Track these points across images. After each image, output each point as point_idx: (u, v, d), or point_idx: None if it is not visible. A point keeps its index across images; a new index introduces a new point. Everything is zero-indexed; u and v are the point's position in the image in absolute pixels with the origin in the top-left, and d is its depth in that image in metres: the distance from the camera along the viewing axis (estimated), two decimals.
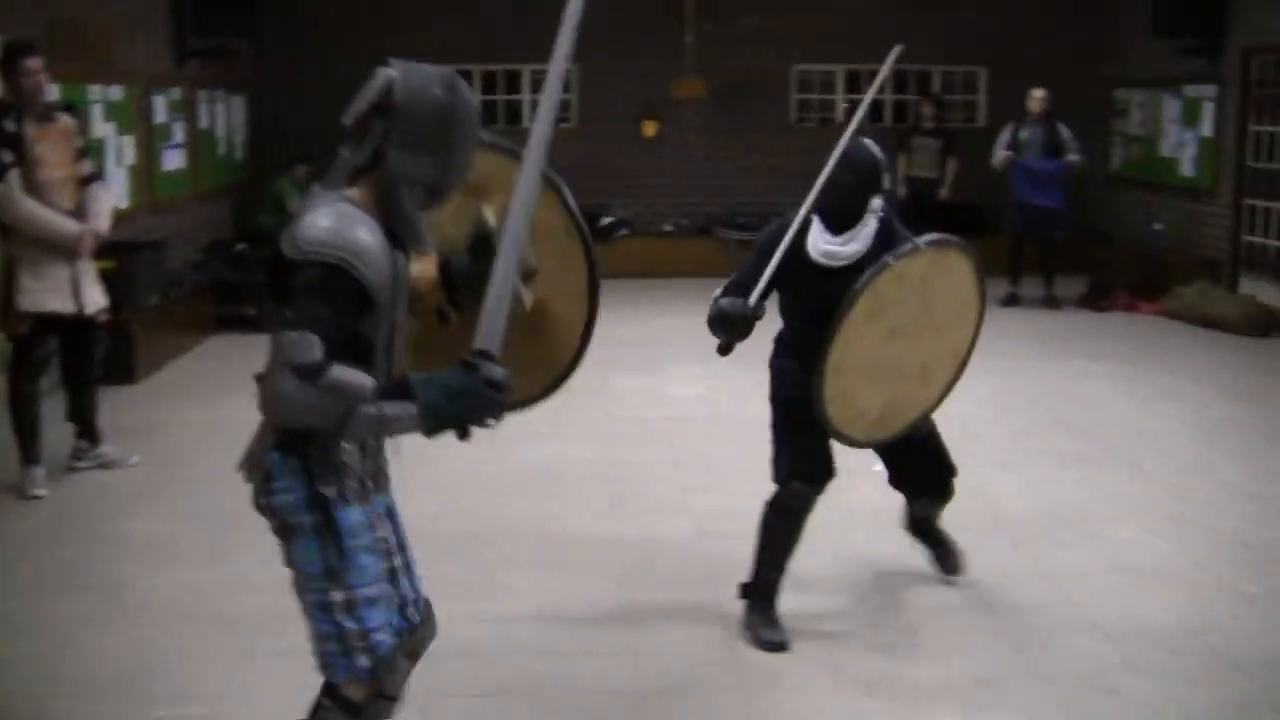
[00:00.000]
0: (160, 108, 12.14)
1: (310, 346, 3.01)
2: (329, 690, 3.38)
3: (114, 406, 8.56)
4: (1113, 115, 15.97)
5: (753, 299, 5.05)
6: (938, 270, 5.18)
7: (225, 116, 14.47)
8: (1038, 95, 13.40)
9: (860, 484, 6.22)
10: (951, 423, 5.87)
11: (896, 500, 6.05)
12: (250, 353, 11.22)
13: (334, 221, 3.10)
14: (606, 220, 15.22)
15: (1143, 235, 14.79)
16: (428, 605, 3.68)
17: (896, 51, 5.74)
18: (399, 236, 3.28)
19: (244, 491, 3.37)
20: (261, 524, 3.38)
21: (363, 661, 3.31)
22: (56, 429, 7.55)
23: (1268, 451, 8.14)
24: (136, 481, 7.46)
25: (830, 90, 16.50)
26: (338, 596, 3.26)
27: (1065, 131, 13.40)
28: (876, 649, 5.30)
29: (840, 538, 6.28)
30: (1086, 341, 11.84)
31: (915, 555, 6.15)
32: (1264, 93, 13.10)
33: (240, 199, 14.87)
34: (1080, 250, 14.54)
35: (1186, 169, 14.30)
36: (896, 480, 5.73)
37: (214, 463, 7.27)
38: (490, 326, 3.15)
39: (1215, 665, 5.14)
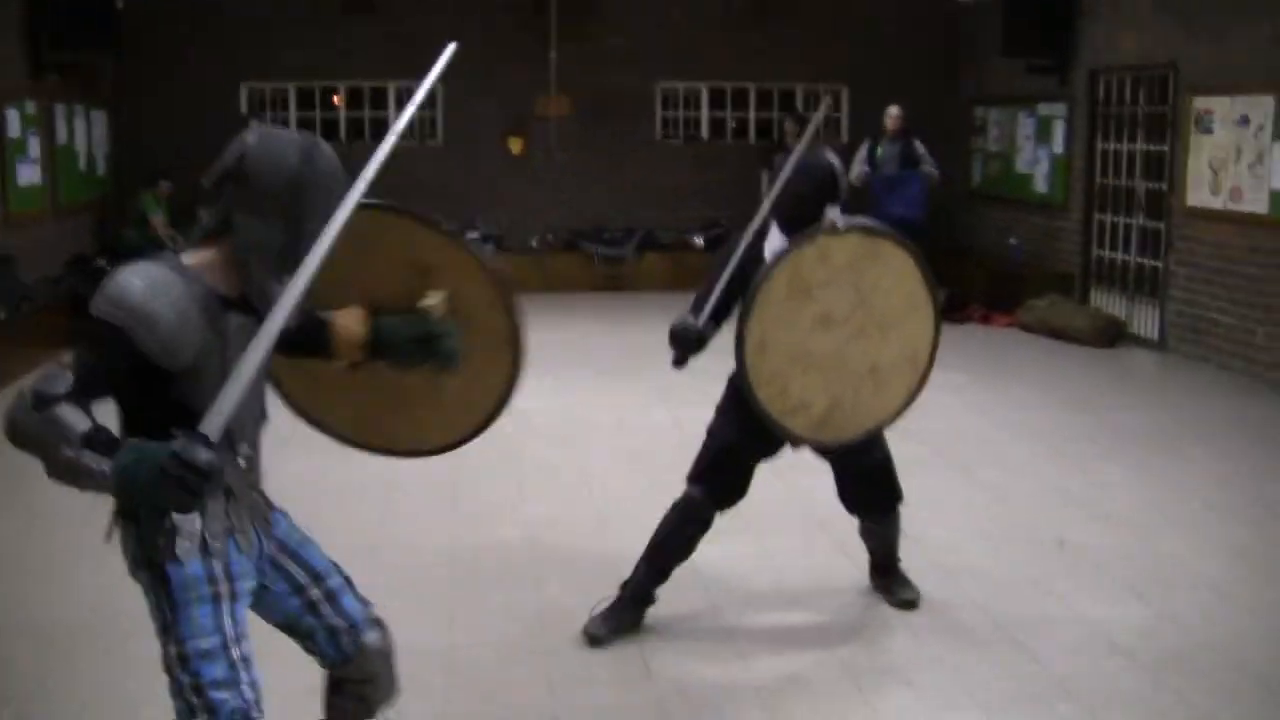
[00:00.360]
0: (14, 122, 12.02)
1: (58, 381, 3.02)
2: None
3: None
4: (972, 132, 16.33)
5: (702, 318, 5.15)
6: (869, 259, 5.13)
7: (86, 131, 14.33)
8: (893, 113, 13.68)
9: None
10: None
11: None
12: None
13: (137, 285, 3.09)
14: (472, 235, 15.29)
15: (1000, 249, 15.13)
16: (378, 625, 3.72)
17: (827, 102, 6.60)
18: (249, 300, 3.29)
19: (70, 506, 3.41)
20: (84, 540, 3.41)
21: (231, 706, 3.21)
22: None
23: (1098, 457, 8.39)
24: None
25: (694, 107, 16.70)
26: (172, 651, 3.24)
27: (921, 147, 13.69)
28: (686, 646, 5.42)
29: None
30: (941, 353, 12.04)
31: (736, 554, 6.29)
32: (1110, 111, 13.47)
33: (103, 214, 14.73)
34: (939, 264, 14.77)
35: (1041, 185, 14.66)
36: (841, 495, 5.74)
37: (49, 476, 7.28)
38: (218, 409, 2.89)
39: (1015, 658, 5.32)
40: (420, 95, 3.34)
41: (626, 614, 5.45)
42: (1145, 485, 7.81)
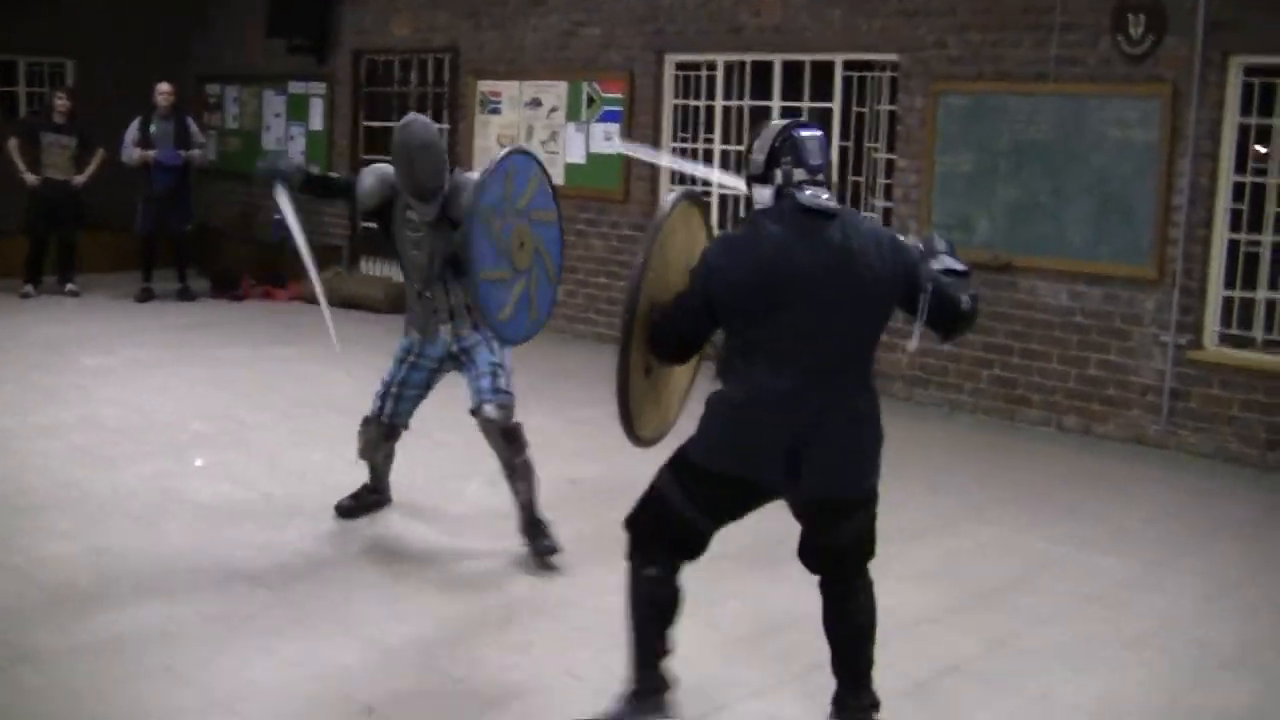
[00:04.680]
0: None
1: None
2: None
3: None
4: (206, 109, 16.38)
5: None
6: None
7: None
8: (164, 89, 13.52)
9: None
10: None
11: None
12: None
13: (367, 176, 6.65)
14: None
15: (252, 226, 15.40)
16: (500, 407, 6.39)
17: None
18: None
19: None
20: None
21: (374, 407, 6.72)
22: None
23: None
24: None
25: None
26: (385, 376, 6.69)
27: (194, 126, 13.82)
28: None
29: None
30: (260, 332, 12.24)
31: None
32: (371, 90, 14.25)
33: None
34: (204, 243, 14.77)
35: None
36: None
37: None
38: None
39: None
40: None
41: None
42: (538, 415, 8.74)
